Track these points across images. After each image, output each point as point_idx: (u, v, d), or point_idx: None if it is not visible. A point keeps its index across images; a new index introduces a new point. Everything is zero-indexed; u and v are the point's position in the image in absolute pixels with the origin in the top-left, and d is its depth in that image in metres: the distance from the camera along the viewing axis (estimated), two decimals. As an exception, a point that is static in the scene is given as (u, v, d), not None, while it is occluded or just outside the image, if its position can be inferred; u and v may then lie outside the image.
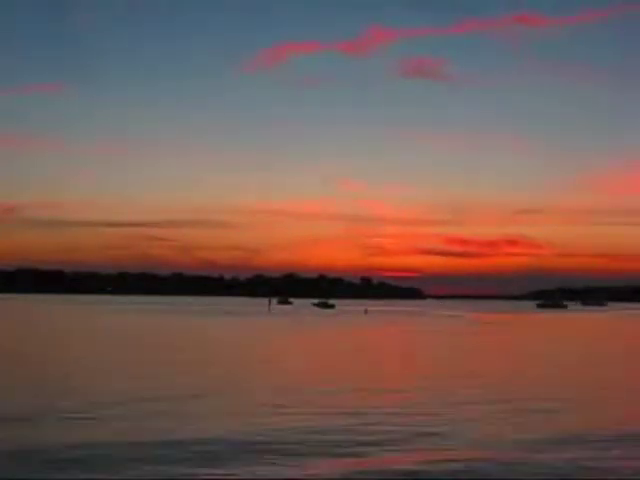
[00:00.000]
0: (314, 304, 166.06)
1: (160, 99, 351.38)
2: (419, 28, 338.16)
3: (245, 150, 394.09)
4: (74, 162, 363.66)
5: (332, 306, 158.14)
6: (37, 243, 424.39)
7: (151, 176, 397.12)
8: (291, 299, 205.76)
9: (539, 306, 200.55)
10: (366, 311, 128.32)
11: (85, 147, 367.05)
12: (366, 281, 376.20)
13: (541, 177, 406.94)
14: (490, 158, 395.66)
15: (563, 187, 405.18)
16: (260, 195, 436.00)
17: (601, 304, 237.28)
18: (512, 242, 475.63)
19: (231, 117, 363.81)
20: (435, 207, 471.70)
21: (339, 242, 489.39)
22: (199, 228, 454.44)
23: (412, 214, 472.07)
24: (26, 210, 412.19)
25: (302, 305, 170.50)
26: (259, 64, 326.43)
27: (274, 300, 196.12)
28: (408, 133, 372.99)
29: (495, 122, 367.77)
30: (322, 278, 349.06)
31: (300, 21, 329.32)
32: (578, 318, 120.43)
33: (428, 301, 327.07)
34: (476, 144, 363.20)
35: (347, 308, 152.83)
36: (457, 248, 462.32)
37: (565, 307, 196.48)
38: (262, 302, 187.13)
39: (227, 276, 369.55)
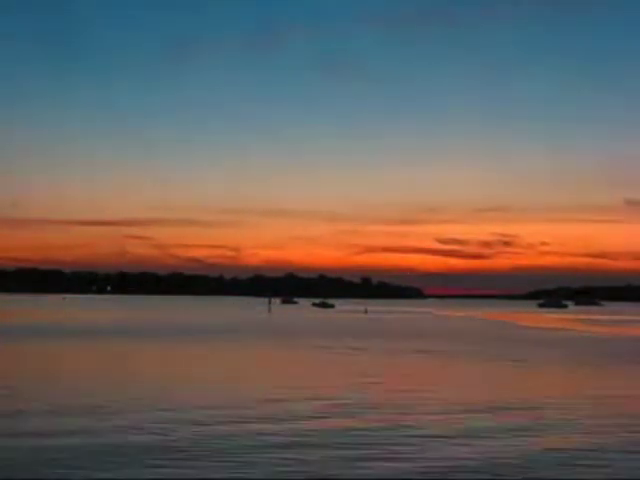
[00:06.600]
0: (314, 304, 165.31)
1: (159, 97, 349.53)
2: (334, 22, 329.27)
3: (240, 149, 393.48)
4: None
5: (331, 306, 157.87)
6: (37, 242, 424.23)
7: (149, 174, 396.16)
8: (296, 299, 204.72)
9: (540, 305, 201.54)
10: (366, 311, 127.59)
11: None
12: (366, 281, 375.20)
13: (540, 176, 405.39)
14: (489, 157, 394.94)
15: (560, 185, 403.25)
16: (259, 194, 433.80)
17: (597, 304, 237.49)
18: (508, 242, 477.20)
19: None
20: (433, 206, 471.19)
21: (338, 241, 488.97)
22: (198, 228, 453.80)
23: (410, 213, 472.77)
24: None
25: (308, 305, 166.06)
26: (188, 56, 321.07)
27: (276, 300, 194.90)
28: (403, 132, 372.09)
29: (493, 119, 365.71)
30: (322, 278, 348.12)
31: (210, 15, 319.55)
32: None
33: (430, 301, 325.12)
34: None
35: (347, 307, 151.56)
36: (455, 248, 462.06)
37: (566, 307, 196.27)
38: (275, 302, 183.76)
39: (227, 276, 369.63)
